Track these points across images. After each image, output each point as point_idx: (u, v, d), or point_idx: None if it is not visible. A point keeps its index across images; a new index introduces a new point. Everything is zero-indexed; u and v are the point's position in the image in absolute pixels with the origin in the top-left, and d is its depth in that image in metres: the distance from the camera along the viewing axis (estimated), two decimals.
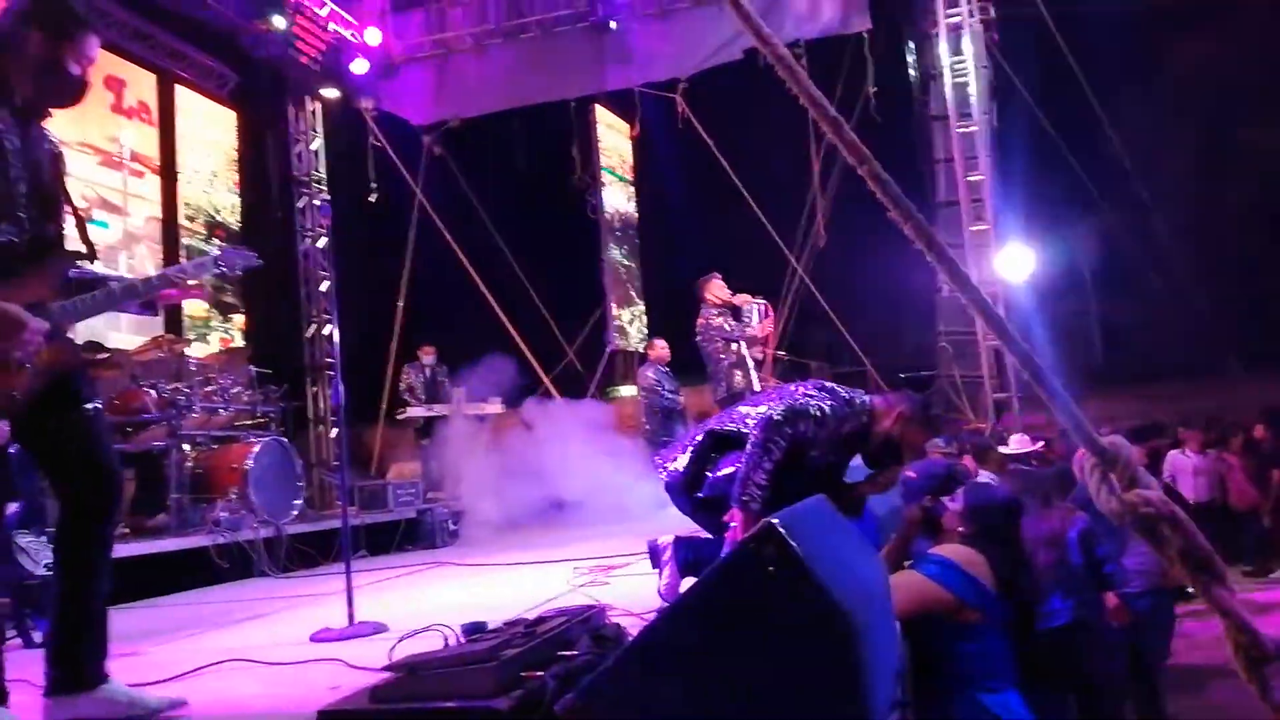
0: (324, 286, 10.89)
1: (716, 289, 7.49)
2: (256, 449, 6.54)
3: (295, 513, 6.85)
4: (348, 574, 3.81)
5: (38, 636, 3.89)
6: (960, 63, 9.70)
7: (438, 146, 11.03)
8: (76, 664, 2.44)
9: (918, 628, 2.82)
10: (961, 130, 9.63)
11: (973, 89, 9.64)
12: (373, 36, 10.57)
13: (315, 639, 3.57)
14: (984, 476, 4.68)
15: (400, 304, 10.96)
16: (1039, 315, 9.55)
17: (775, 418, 2.96)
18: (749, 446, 2.96)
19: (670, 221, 11.91)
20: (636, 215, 12.88)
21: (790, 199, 11.09)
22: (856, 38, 9.96)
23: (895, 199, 1.00)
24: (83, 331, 2.45)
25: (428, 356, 9.74)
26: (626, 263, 12.63)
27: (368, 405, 10.15)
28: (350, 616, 3.69)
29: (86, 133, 8.19)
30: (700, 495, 3.23)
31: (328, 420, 10.91)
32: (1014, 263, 9.46)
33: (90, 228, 2.68)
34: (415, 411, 9.49)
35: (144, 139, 9.30)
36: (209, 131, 10.33)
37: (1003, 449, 6.06)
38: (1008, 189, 9.91)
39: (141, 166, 9.17)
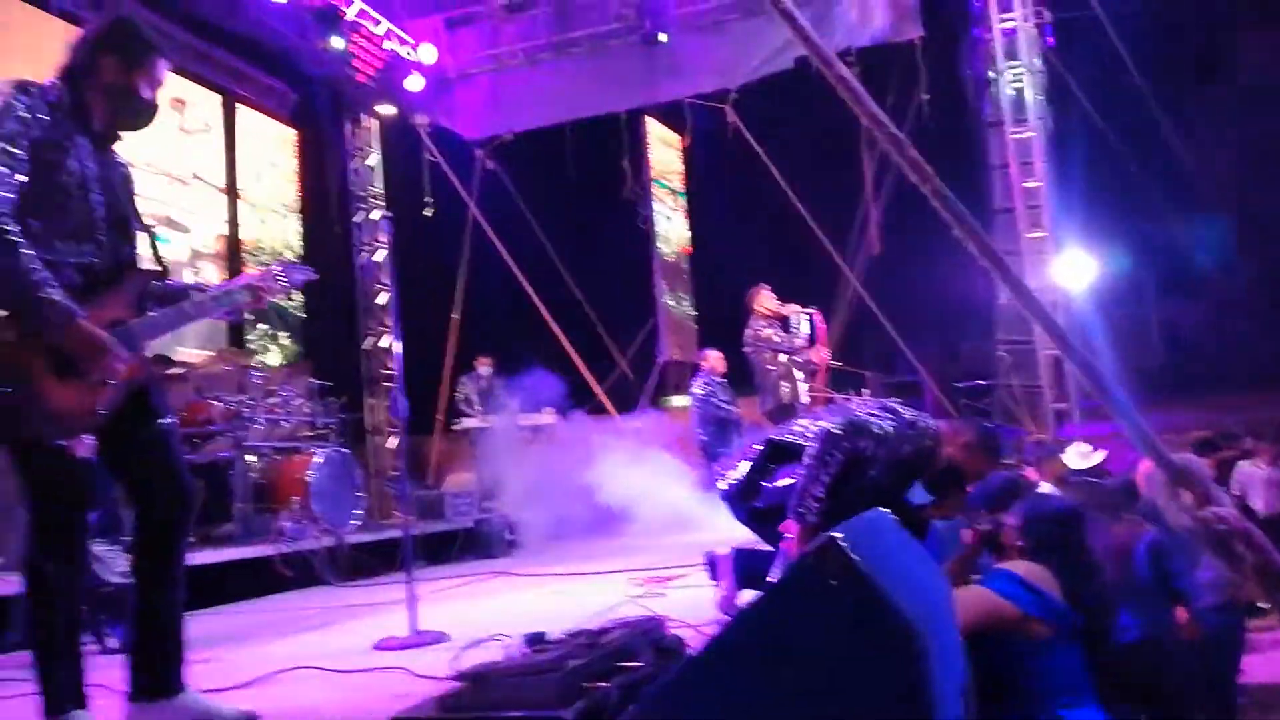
0: (381, 299, 11.09)
1: (765, 300, 7.50)
2: (318, 460, 6.67)
3: (355, 522, 6.97)
4: (409, 583, 3.88)
5: (113, 643, 4.01)
6: (1015, 67, 9.58)
7: (490, 160, 11.19)
8: (156, 671, 2.52)
9: (985, 644, 2.78)
10: (1017, 136, 9.50)
11: (1028, 94, 9.52)
12: (428, 54, 10.75)
13: (379, 647, 3.64)
14: (1045, 488, 4.60)
15: (455, 316, 11.11)
16: (1100, 323, 9.37)
17: (834, 431, 2.95)
18: (806, 459, 2.96)
19: (721, 232, 11.91)
20: (688, 226, 12.91)
21: (842, 207, 11.02)
22: (908, 44, 9.90)
23: (959, 216, 1.01)
24: (152, 345, 2.54)
25: (484, 368, 9.85)
26: (669, 254, 12.64)
27: (423, 416, 10.29)
28: (412, 625, 3.76)
29: (152, 152, 8.44)
30: (757, 505, 3.23)
31: (385, 431, 11.09)
32: (1074, 270, 9.30)
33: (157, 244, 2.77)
34: (471, 422, 9.60)
35: (207, 157, 9.57)
36: (269, 149, 10.59)
37: (1066, 460, 5.95)
38: (1066, 195, 9.74)
39: (205, 184, 9.43)
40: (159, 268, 2.64)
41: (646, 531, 8.62)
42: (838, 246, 10.71)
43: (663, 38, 10.17)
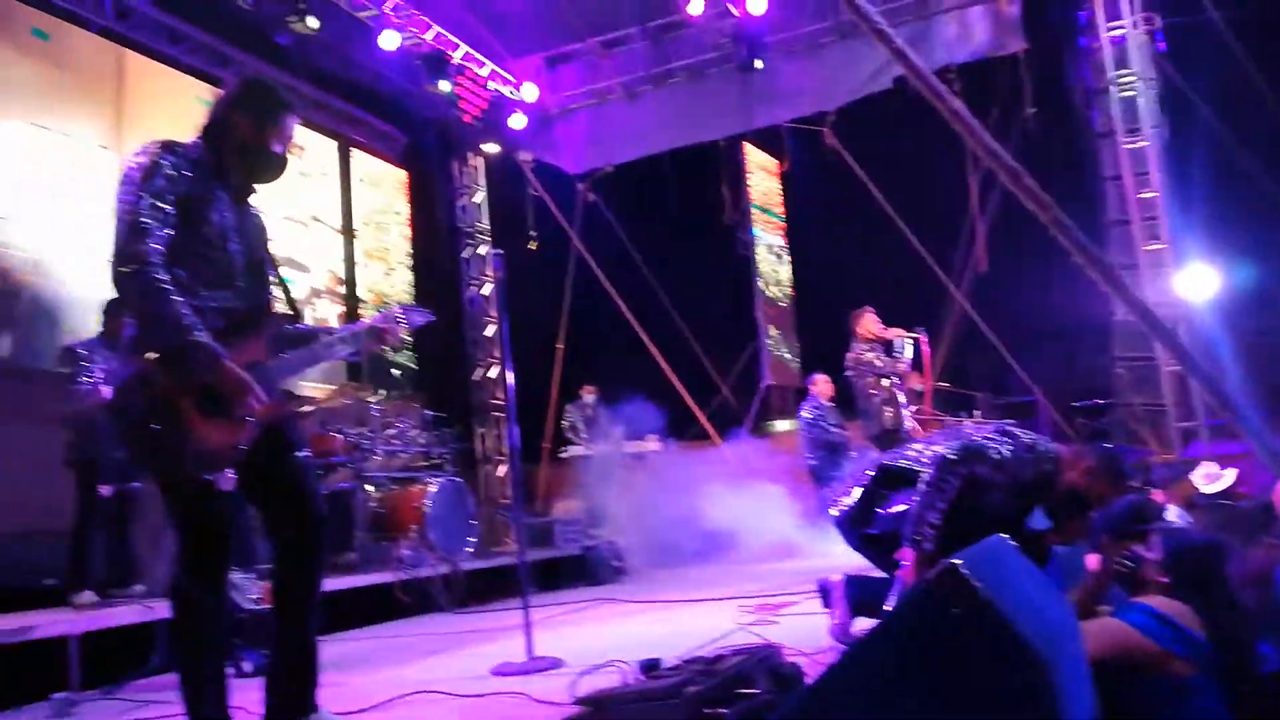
0: (489, 331, 11.42)
1: (869, 323, 7.41)
2: (433, 489, 6.85)
3: (469, 550, 7.13)
4: (526, 609, 3.95)
5: (247, 666, 4.21)
6: (1126, 76, 9.29)
7: (592, 193, 11.41)
8: (292, 693, 2.65)
9: (1116, 679, 2.68)
10: (1129, 146, 9.20)
11: (1141, 102, 9.21)
12: (529, 92, 11.06)
13: (496, 672, 3.72)
14: (1173, 512, 4.41)
15: (560, 346, 11.31)
16: (1226, 337, 8.93)
17: (950, 456, 2.90)
18: (922, 485, 2.91)
19: (822, 254, 11.83)
20: (788, 250, 12.87)
21: (947, 225, 10.82)
22: (1011, 57, 9.70)
23: (1079, 245, 1.01)
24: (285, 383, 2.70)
25: (589, 396, 10.00)
26: (779, 298, 12.61)
27: (530, 444, 10.49)
28: (529, 651, 3.83)
29: (275, 197, 8.89)
30: (871, 531, 3.20)
31: (494, 460, 11.34)
32: (1196, 283, 8.90)
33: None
34: (576, 450, 9.74)
35: (324, 200, 10.02)
36: (381, 190, 11.02)
37: (1195, 482, 5.69)
38: (1187, 205, 9.36)
39: (323, 225, 9.88)
40: (292, 311, 2.81)
41: (752, 558, 8.58)
42: (943, 265, 10.51)
43: (759, 64, 10.22)
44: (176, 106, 8.11)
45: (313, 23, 8.25)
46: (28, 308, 6.95)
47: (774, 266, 12.51)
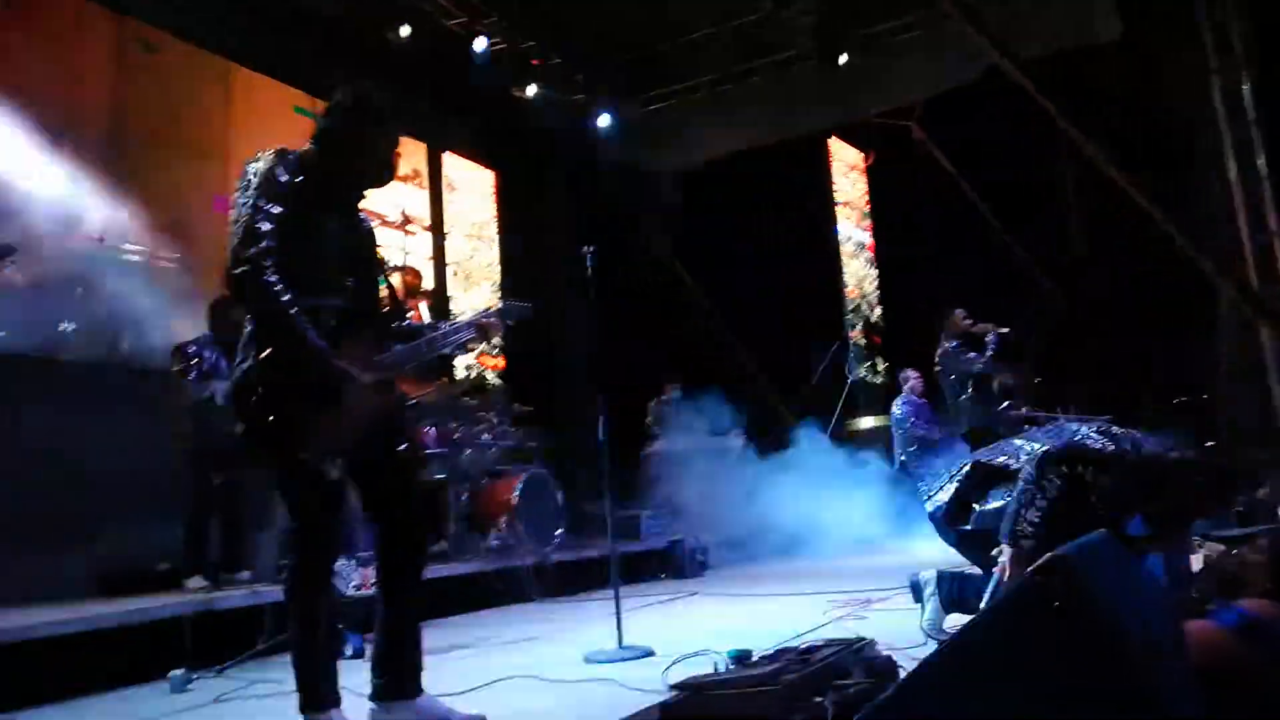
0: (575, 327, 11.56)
1: (957, 320, 7.36)
2: (522, 482, 7.01)
3: (557, 541, 7.26)
4: (617, 599, 4.04)
5: (348, 650, 4.39)
6: (1229, 59, 8.92)
7: (676, 191, 11.45)
8: (398, 675, 2.77)
9: (1220, 683, 2.61)
10: (1234, 133, 8.83)
11: (1244, 86, 8.84)
12: (615, 93, 11.15)
13: (589, 660, 3.81)
14: None
15: (643, 343, 11.37)
16: None
17: (1051, 455, 2.86)
18: (1021, 482, 2.87)
19: (909, 249, 11.65)
20: (873, 244, 12.71)
21: (1039, 217, 10.56)
22: (1105, 47, 9.40)
23: (1182, 234, 1.01)
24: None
25: (672, 392, 10.05)
26: (865, 293, 12.47)
27: (617, 439, 10.56)
28: (620, 640, 3.91)
29: (373, 199, 9.18)
30: (966, 528, 3.17)
31: (580, 453, 11.47)
32: None
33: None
34: (660, 445, 9.80)
35: (416, 201, 10.29)
36: (472, 191, 11.25)
37: None
38: None
39: (415, 226, 10.16)
40: (396, 310, 2.93)
41: (839, 554, 8.53)
42: (1035, 258, 10.26)
43: (843, 59, 10.12)
44: (275, 115, 8.44)
45: (404, 30, 8.46)
46: (144, 308, 7.31)
47: (860, 261, 12.37)
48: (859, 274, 12.41)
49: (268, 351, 2.56)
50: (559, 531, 7.32)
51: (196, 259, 7.60)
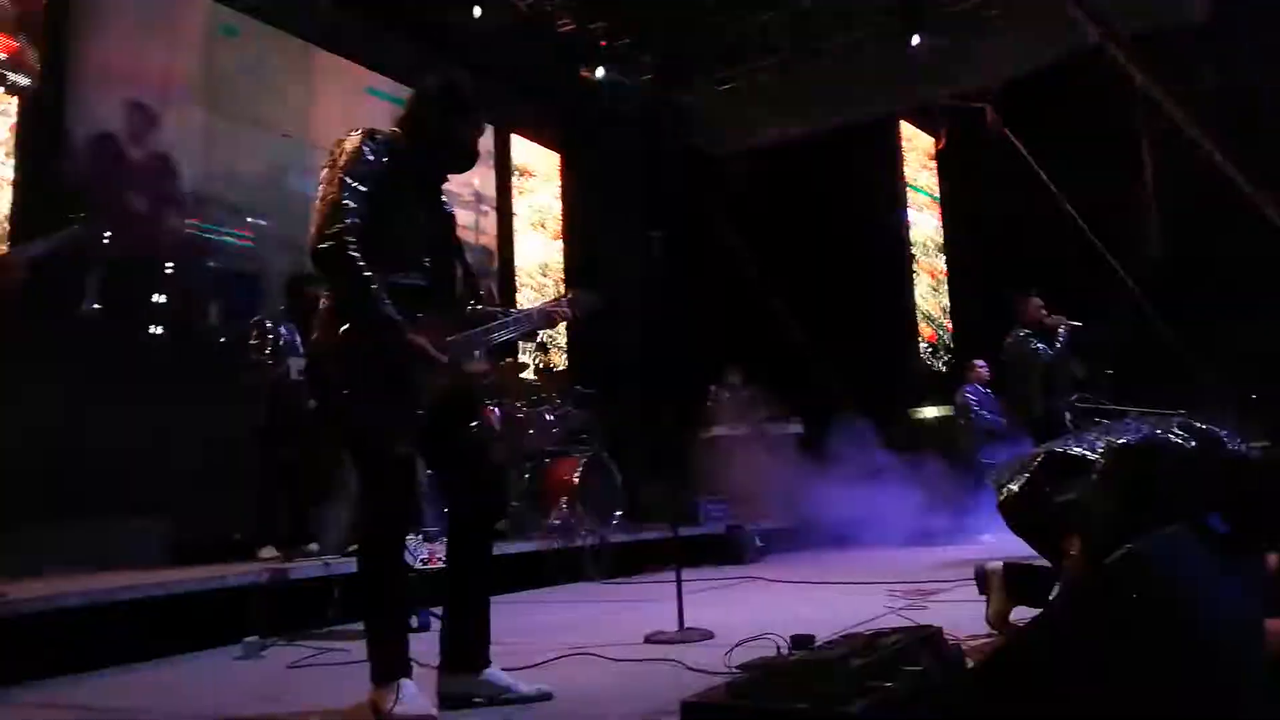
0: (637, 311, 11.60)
1: (1032, 309, 7.21)
2: (582, 463, 7.08)
3: (615, 523, 7.32)
4: (678, 581, 4.06)
5: (414, 623, 4.48)
6: None
7: (740, 173, 11.38)
8: (466, 647, 2.82)
9: None
10: None
11: None
12: (681, 74, 11.11)
13: (650, 640, 3.84)
14: None
15: (704, 327, 11.35)
16: None
17: (1127, 448, 2.79)
18: (1095, 474, 2.82)
19: (981, 236, 11.42)
20: (943, 230, 12.48)
21: (1118, 206, 10.26)
22: (1194, 28, 9.10)
23: None
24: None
25: (735, 376, 10.03)
26: (933, 280, 12.26)
27: (676, 423, 10.59)
28: (680, 621, 3.93)
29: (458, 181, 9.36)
30: (1037, 519, 3.12)
31: (639, 437, 11.52)
32: None
33: None
34: (721, 430, 9.79)
35: (485, 182, 10.42)
36: (538, 172, 11.32)
37: None
38: None
39: (486, 206, 10.29)
40: (472, 292, 2.98)
41: (899, 543, 8.46)
42: (1113, 249, 9.99)
43: (916, 40, 9.94)
44: (349, 96, 8.58)
45: (475, 11, 8.53)
46: (222, 284, 7.54)
47: (929, 247, 12.18)
48: (927, 260, 12.21)
49: (345, 326, 2.61)
50: (618, 513, 7.38)
51: (275, 236, 7.81)
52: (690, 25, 10.90)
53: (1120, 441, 2.86)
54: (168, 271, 7.20)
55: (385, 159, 2.72)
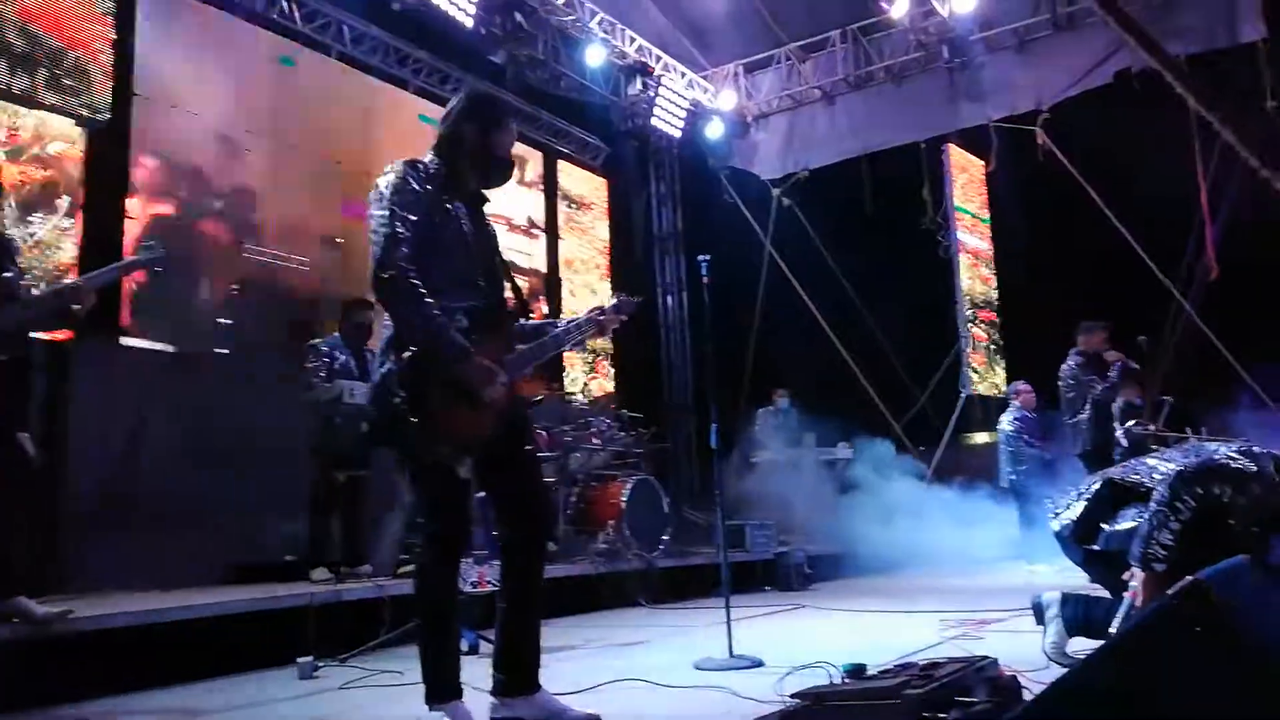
0: (681, 335, 11.68)
1: (1097, 339, 7.23)
2: (630, 487, 7.07)
3: (662, 548, 7.30)
4: (728, 607, 4.04)
5: (464, 645, 4.50)
6: None
7: (786, 198, 11.39)
8: (518, 671, 2.83)
9: None
10: None
11: None
12: (726, 100, 11.18)
13: (699, 667, 3.82)
14: None
15: (750, 351, 11.35)
16: None
17: (1186, 474, 2.73)
18: (1154, 503, 2.75)
19: (1031, 259, 11.29)
20: (992, 253, 12.35)
21: (1172, 229, 10.08)
22: (1247, 49, 8.96)
23: None
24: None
25: (781, 399, 9.99)
26: (982, 304, 12.11)
27: (724, 447, 10.54)
28: (730, 649, 3.91)
29: (499, 204, 9.52)
30: (1095, 548, 3.07)
31: (686, 460, 11.53)
32: None
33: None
34: (767, 454, 9.75)
35: (535, 206, 10.56)
36: (583, 198, 11.43)
37: None
38: None
39: (537, 230, 10.44)
40: (523, 308, 3.02)
41: (945, 572, 8.34)
42: (1167, 272, 9.81)
43: (964, 63, 9.91)
44: (403, 124, 8.75)
45: (525, 39, 8.67)
46: (281, 307, 7.71)
47: (977, 271, 12.05)
48: (975, 284, 12.08)
49: (409, 353, 2.66)
50: (665, 537, 7.36)
51: (328, 263, 7.98)
52: (738, 50, 10.99)
53: (1178, 468, 2.80)
54: (251, 296, 7.42)
55: (428, 185, 2.79)
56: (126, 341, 6.71)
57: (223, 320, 7.35)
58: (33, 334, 4.09)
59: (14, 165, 6.14)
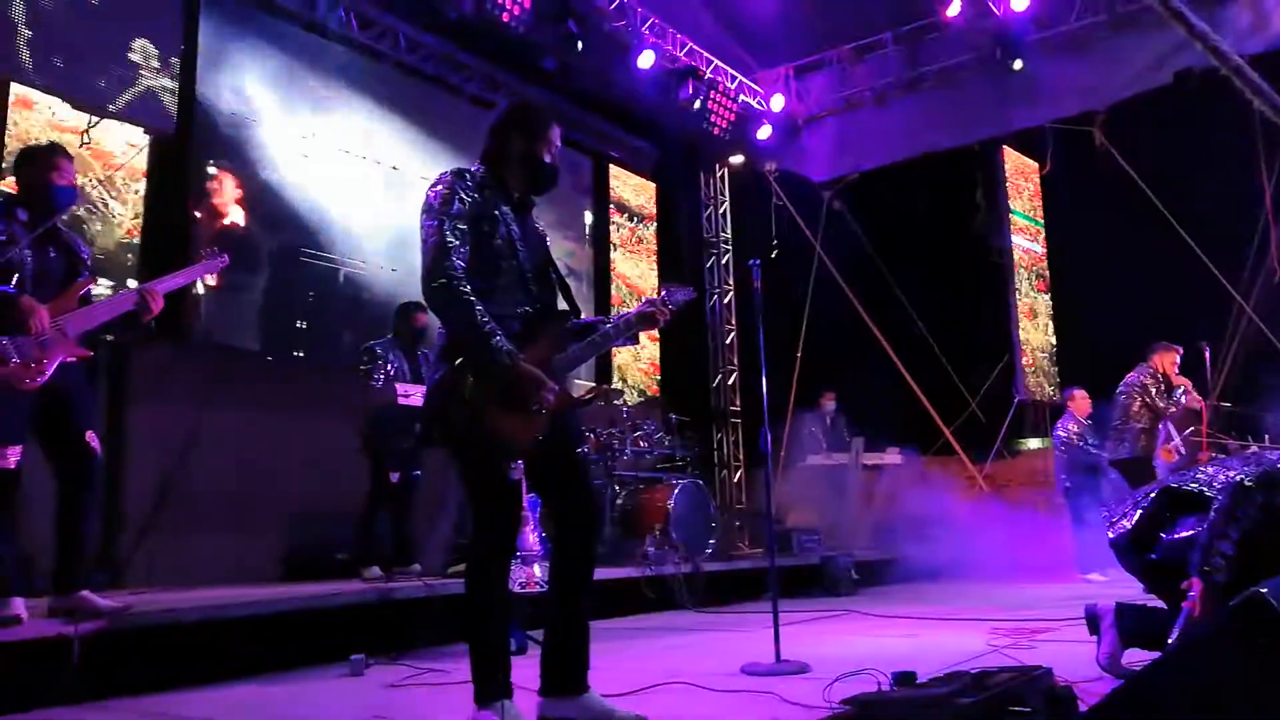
0: (729, 339, 11.65)
1: (1168, 362, 7.18)
2: (676, 490, 7.08)
3: (709, 551, 7.30)
4: (775, 612, 4.02)
5: (512, 645, 4.53)
6: None
7: (837, 201, 11.31)
8: (566, 671, 2.86)
9: None
10: None
11: None
12: (776, 102, 11.14)
13: (746, 671, 3.81)
14: None
15: (798, 355, 11.28)
16: None
17: (1247, 484, 2.67)
18: (1213, 512, 2.70)
19: (1087, 263, 11.08)
20: (1046, 257, 12.15)
21: (1233, 231, 9.83)
22: None
23: None
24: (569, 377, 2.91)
25: (829, 403, 9.92)
26: (1037, 309, 11.92)
27: (773, 451, 10.50)
28: (777, 654, 3.90)
29: (557, 212, 9.60)
30: (1152, 557, 3.01)
31: (732, 465, 11.50)
32: None
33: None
34: (816, 459, 9.69)
35: (588, 213, 10.65)
36: (633, 202, 11.46)
37: None
38: None
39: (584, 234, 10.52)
40: (572, 310, 3.05)
41: (995, 579, 8.22)
42: (1228, 275, 9.57)
43: (1018, 65, 9.77)
44: (453, 129, 8.86)
45: (577, 45, 8.72)
46: (340, 311, 7.85)
47: (1031, 276, 11.87)
48: (1029, 288, 11.89)
49: (461, 360, 2.71)
50: (712, 541, 7.36)
51: (381, 262, 8.11)
52: (787, 52, 10.94)
53: (1238, 476, 2.73)
54: (310, 299, 7.57)
55: (476, 194, 2.84)
56: (194, 342, 6.87)
57: (300, 324, 7.52)
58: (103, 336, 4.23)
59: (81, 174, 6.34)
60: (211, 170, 7.14)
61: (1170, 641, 2.60)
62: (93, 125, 6.43)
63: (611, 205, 11.02)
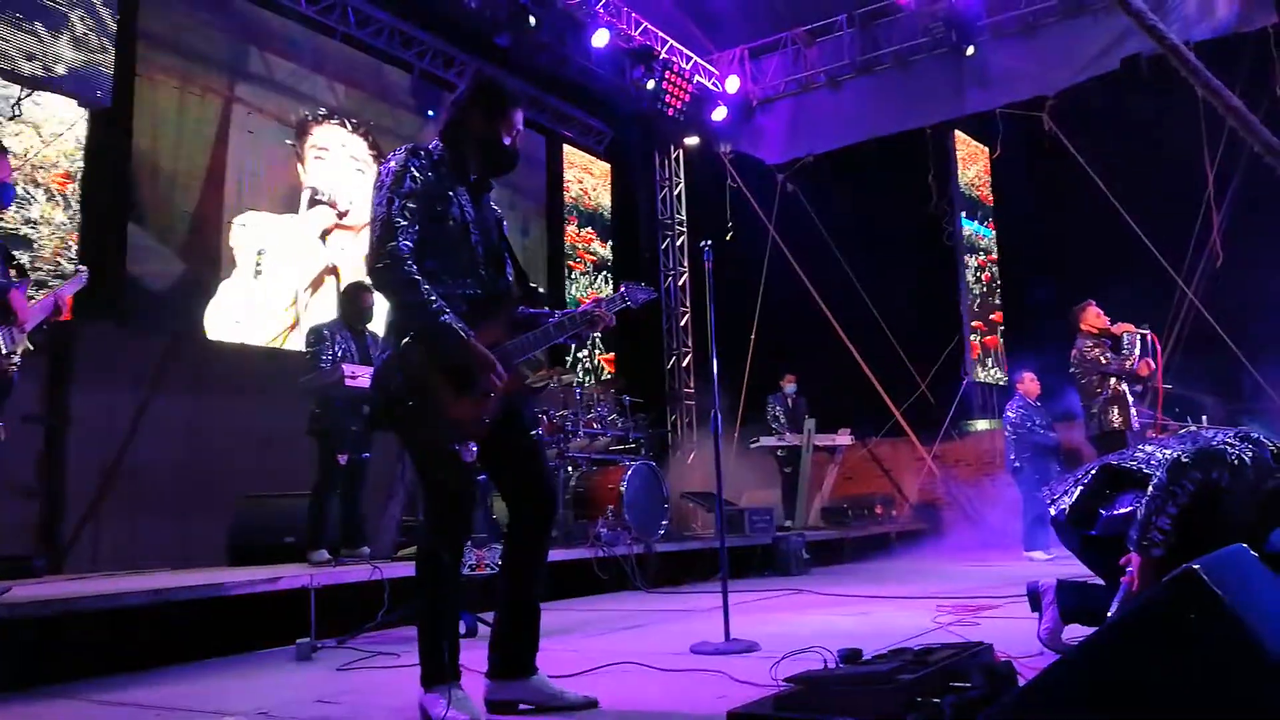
0: (683, 321, 11.67)
1: (1093, 318, 6.99)
2: (629, 472, 7.07)
3: (661, 533, 7.31)
4: (724, 592, 4.04)
5: (461, 628, 4.51)
6: None
7: (791, 183, 11.35)
8: (516, 654, 2.84)
9: None
10: None
11: None
12: (731, 84, 11.13)
13: (695, 650, 3.83)
14: None
15: (752, 337, 11.33)
16: None
17: (1184, 460, 2.71)
18: (1151, 489, 2.74)
19: (1035, 246, 11.26)
20: (995, 240, 12.32)
21: (1177, 216, 10.04)
22: (1258, 34, 8.90)
23: None
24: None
25: (789, 385, 9.98)
26: (985, 291, 12.09)
27: (727, 432, 10.56)
28: (726, 633, 3.92)
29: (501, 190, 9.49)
30: (1091, 534, 3.06)
31: (685, 446, 11.54)
32: None
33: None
34: (769, 440, 9.75)
35: (537, 190, 10.55)
36: (587, 181, 11.41)
37: None
38: None
39: (538, 215, 10.43)
40: (526, 296, 3.00)
41: (946, 557, 8.36)
42: (1171, 259, 9.78)
43: (970, 50, 9.87)
44: (404, 105, 8.73)
45: (530, 20, 8.61)
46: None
47: (981, 258, 12.03)
48: (979, 271, 12.06)
49: (408, 339, 2.66)
50: (664, 522, 7.38)
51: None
52: (742, 34, 10.92)
53: (1175, 454, 2.78)
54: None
55: (431, 172, 2.77)
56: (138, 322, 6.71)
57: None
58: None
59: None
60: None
61: (1109, 616, 2.65)
62: (24, 96, 6.22)
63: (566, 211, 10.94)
